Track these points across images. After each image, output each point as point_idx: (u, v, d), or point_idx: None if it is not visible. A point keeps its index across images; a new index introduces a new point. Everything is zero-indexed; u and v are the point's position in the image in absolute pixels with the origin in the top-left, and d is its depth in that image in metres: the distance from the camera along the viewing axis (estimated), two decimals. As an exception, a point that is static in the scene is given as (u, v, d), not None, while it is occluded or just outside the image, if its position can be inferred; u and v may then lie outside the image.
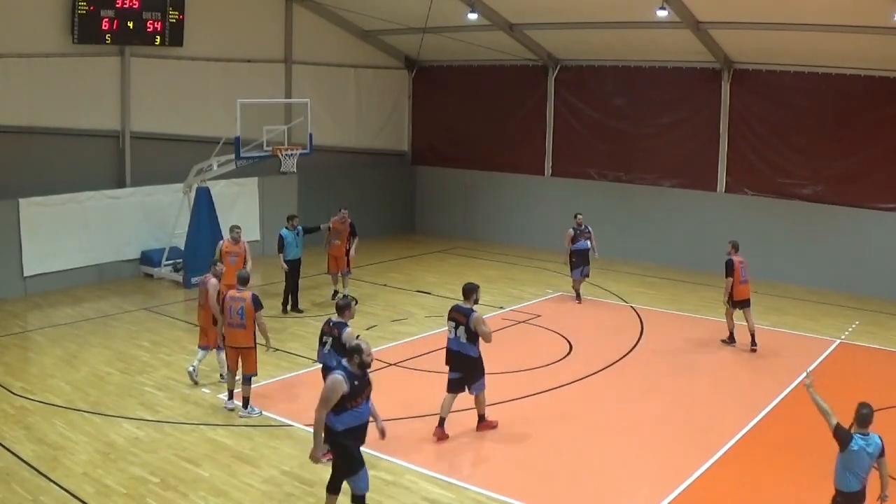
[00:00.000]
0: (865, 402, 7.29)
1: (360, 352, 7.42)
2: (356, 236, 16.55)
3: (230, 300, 10.33)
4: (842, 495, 7.26)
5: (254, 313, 10.26)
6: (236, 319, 10.28)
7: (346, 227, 16.40)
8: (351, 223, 16.48)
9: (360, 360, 7.42)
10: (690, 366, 13.24)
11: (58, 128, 17.48)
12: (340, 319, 9.41)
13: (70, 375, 12.04)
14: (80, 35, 17.15)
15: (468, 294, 9.94)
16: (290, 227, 15.52)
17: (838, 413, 7.79)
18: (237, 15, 20.37)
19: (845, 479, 7.20)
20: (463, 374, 9.88)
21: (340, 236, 16.30)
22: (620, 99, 21.31)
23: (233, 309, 10.28)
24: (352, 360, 7.44)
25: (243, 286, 10.52)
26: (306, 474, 8.97)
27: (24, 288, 16.60)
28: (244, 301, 10.27)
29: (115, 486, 8.61)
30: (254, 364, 10.51)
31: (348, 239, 16.37)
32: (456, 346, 9.87)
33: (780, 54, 18.22)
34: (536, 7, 18.90)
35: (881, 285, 17.65)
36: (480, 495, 8.65)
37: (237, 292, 10.41)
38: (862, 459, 7.13)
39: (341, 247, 16.28)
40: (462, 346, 9.82)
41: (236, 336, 10.33)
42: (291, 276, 15.65)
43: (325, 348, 9.47)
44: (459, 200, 24.21)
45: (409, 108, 25.14)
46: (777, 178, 19.15)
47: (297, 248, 15.58)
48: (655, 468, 9.44)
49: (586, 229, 16.65)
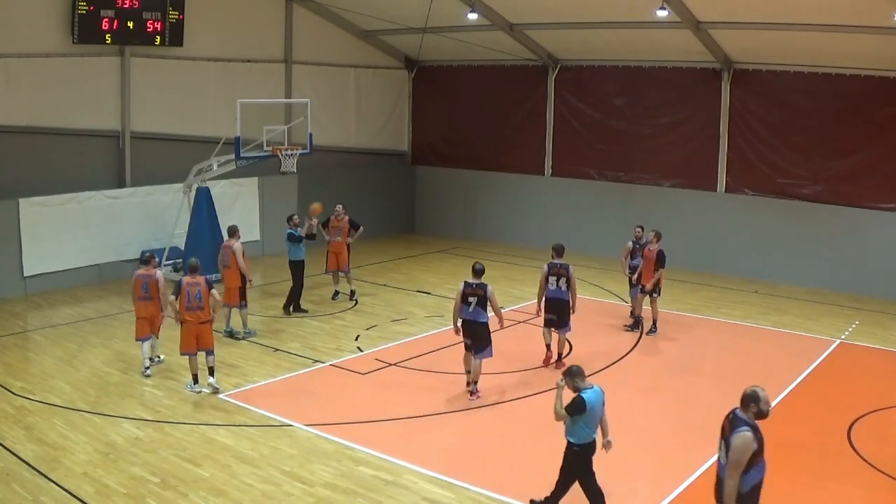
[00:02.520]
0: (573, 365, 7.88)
1: (758, 400, 6.47)
2: (359, 228, 16.51)
3: (187, 286, 11.40)
4: (580, 447, 7.82)
5: (208, 294, 11.41)
6: (195, 303, 11.35)
7: (343, 223, 16.38)
8: (349, 218, 16.45)
9: (758, 409, 6.46)
10: (690, 366, 13.26)
11: (58, 128, 17.47)
12: (480, 281, 11.20)
13: (70, 375, 12.04)
14: (80, 35, 17.15)
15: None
16: (291, 226, 15.53)
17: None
18: (237, 15, 20.37)
19: (584, 433, 7.76)
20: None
21: (341, 233, 16.32)
22: (620, 99, 21.31)
23: (191, 294, 11.37)
24: (748, 409, 6.47)
25: (195, 273, 11.56)
26: (306, 474, 8.97)
27: (24, 288, 16.60)
28: (199, 285, 11.41)
29: (115, 486, 8.61)
30: (211, 338, 11.57)
31: (349, 233, 16.38)
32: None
33: (780, 54, 18.22)
34: (536, 7, 18.90)
35: (881, 285, 17.65)
36: (480, 495, 8.65)
37: (191, 279, 11.45)
38: (596, 411, 7.76)
39: (341, 243, 16.28)
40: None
41: (197, 315, 11.40)
42: (297, 278, 15.59)
43: (470, 307, 11.18)
44: (459, 200, 24.21)
45: (409, 108, 25.15)
46: (777, 178, 19.15)
47: (301, 249, 15.57)
48: (655, 468, 9.45)
49: (646, 244, 14.80)
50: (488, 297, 11.24)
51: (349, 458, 9.44)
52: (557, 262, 12.75)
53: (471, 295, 11.24)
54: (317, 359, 12.99)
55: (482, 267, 11.54)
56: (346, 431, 10.11)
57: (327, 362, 12.84)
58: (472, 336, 11.35)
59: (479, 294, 11.23)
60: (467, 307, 11.27)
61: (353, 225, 16.47)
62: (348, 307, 16.18)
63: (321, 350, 13.46)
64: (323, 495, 8.55)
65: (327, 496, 8.54)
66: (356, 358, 13.07)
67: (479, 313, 11.26)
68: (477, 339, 11.32)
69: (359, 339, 14.09)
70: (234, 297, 13.83)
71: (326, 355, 13.18)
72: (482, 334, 11.33)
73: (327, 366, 12.71)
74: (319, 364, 12.78)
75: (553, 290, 12.72)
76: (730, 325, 15.47)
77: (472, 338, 11.35)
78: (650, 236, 14.61)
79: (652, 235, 14.58)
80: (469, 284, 11.30)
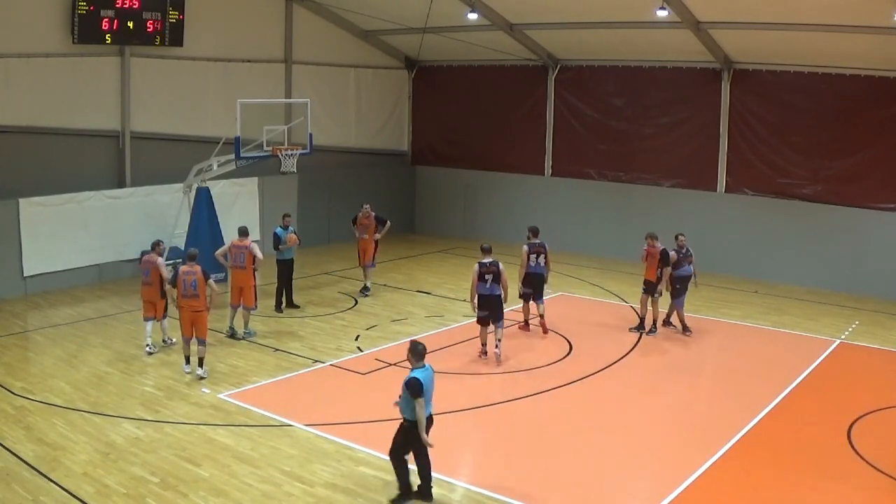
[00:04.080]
0: (418, 342, 8.46)
1: None
2: (385, 223, 17.16)
3: (183, 274, 11.88)
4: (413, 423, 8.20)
5: (205, 283, 11.83)
6: (190, 290, 11.83)
7: (370, 221, 16.98)
8: (376, 215, 17.07)
9: None
10: (690, 366, 13.26)
11: (58, 128, 17.48)
12: (492, 259, 12.82)
13: (70, 375, 12.04)
14: (80, 35, 17.14)
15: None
16: (283, 225, 15.54)
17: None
18: (237, 15, 20.37)
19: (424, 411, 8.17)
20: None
21: (368, 231, 16.91)
22: (620, 99, 21.31)
23: (186, 282, 11.85)
24: None
25: (193, 261, 12.07)
26: (306, 474, 8.97)
27: (24, 288, 16.60)
28: (196, 274, 11.86)
29: (115, 486, 8.61)
30: (205, 328, 12.01)
31: (376, 229, 16.99)
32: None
33: (780, 54, 18.22)
34: (536, 7, 18.90)
35: (881, 285, 17.65)
36: (480, 495, 8.64)
37: (188, 267, 11.93)
38: (432, 389, 8.35)
39: (369, 240, 16.96)
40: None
41: (191, 303, 11.86)
42: (283, 276, 15.68)
43: (487, 284, 12.75)
44: (459, 200, 24.21)
45: (409, 108, 25.15)
46: (777, 178, 19.15)
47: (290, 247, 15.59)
48: (655, 468, 9.45)
49: (689, 253, 14.51)
50: (501, 273, 12.84)
51: (349, 458, 9.44)
52: (536, 242, 14.31)
53: (486, 273, 12.78)
54: (317, 359, 12.99)
55: (489, 246, 13.11)
56: (346, 431, 10.11)
57: (327, 362, 12.84)
58: (490, 308, 12.86)
59: (493, 271, 12.81)
60: (484, 284, 12.76)
61: (379, 221, 17.10)
62: (348, 307, 16.19)
63: (321, 350, 13.46)
64: (323, 495, 8.55)
65: (327, 496, 8.54)
66: (356, 358, 13.06)
67: (495, 288, 12.85)
68: (495, 310, 12.90)
69: (359, 339, 14.09)
70: (251, 298, 13.89)
71: (326, 355, 13.18)
72: (499, 305, 12.95)
73: (327, 366, 12.71)
74: (319, 364, 12.78)
75: (534, 267, 14.25)
76: (730, 325, 15.47)
77: (490, 309, 12.86)
78: (648, 241, 14.50)
79: (649, 239, 14.49)
80: (483, 264, 12.80)
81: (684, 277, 14.49)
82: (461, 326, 14.77)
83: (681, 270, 14.44)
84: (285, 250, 15.46)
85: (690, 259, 14.55)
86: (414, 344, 8.38)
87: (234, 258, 13.95)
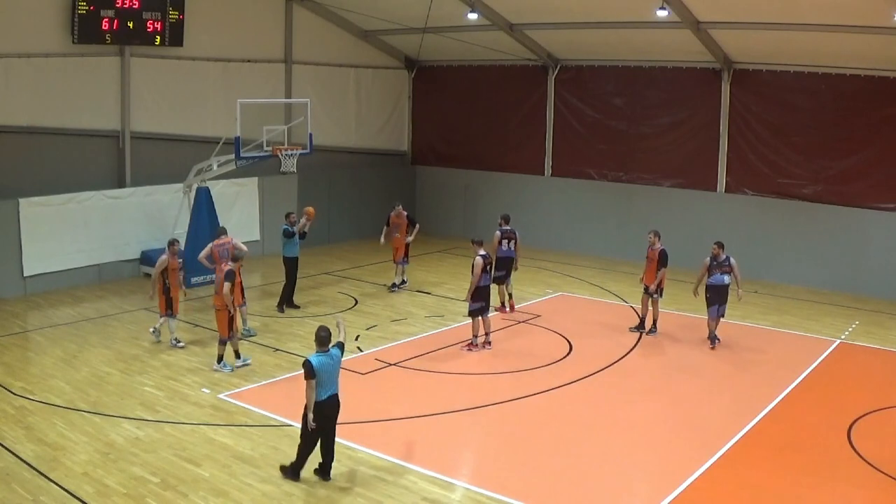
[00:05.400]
0: (323, 326, 8.77)
1: None
2: (416, 225, 17.86)
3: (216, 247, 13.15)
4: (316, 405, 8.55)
5: (223, 284, 12.13)
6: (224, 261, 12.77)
7: (402, 220, 17.55)
8: (408, 215, 17.70)
9: None
10: (690, 366, 13.25)
11: (58, 128, 17.48)
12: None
13: (70, 375, 12.04)
14: (80, 35, 17.14)
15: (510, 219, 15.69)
16: (289, 223, 15.58)
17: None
18: (237, 15, 20.36)
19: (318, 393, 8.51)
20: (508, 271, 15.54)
21: (399, 229, 17.47)
22: (620, 99, 21.31)
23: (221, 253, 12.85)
24: None
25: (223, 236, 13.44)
26: (306, 474, 8.96)
27: (24, 288, 16.60)
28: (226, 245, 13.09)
29: (115, 486, 8.61)
30: (224, 328, 12.26)
31: (407, 230, 17.58)
32: (507, 253, 15.41)
33: (780, 54, 18.22)
34: (536, 7, 18.90)
35: (881, 285, 17.65)
36: (480, 495, 8.65)
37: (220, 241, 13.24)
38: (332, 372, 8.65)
39: (401, 238, 17.50)
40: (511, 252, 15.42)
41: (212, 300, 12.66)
42: (291, 274, 15.71)
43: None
44: (459, 200, 24.20)
45: (409, 108, 25.15)
46: (777, 178, 19.15)
47: (295, 245, 15.63)
48: (655, 468, 9.45)
49: (726, 261, 13.76)
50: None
51: (349, 458, 9.43)
52: (507, 228, 15.65)
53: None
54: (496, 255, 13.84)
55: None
56: (346, 431, 10.10)
57: (327, 362, 12.83)
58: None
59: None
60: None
61: (410, 222, 17.63)
62: (348, 307, 16.19)
63: (321, 350, 13.45)
64: (323, 495, 8.56)
65: (327, 496, 8.55)
66: (356, 358, 13.05)
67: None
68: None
69: (359, 339, 14.08)
70: (239, 296, 13.66)
71: (326, 355, 13.16)
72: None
73: (327, 366, 12.69)
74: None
75: (505, 251, 15.56)
76: (730, 325, 15.45)
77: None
78: (650, 237, 14.61)
79: (652, 235, 14.59)
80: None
81: (716, 287, 13.75)
82: (461, 326, 14.77)
83: (713, 279, 13.76)
84: (304, 228, 15.91)
85: (727, 269, 13.74)
86: (318, 329, 8.72)
87: (219, 257, 13.84)
